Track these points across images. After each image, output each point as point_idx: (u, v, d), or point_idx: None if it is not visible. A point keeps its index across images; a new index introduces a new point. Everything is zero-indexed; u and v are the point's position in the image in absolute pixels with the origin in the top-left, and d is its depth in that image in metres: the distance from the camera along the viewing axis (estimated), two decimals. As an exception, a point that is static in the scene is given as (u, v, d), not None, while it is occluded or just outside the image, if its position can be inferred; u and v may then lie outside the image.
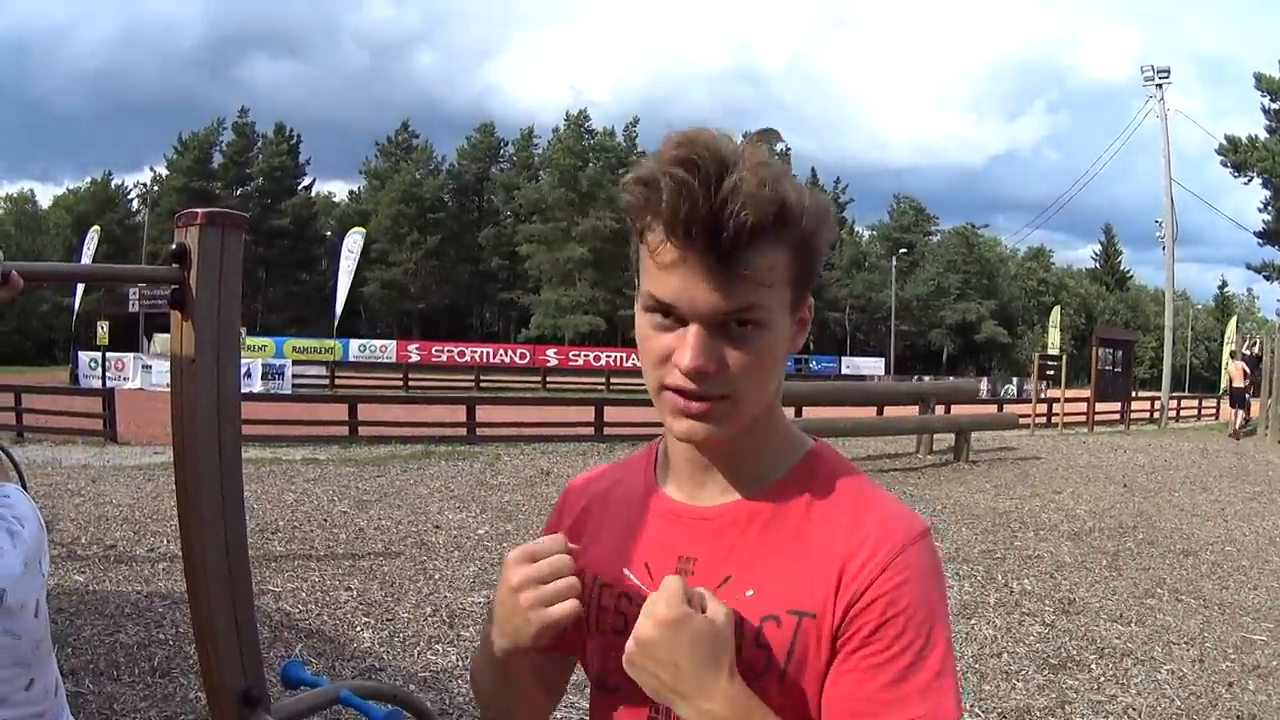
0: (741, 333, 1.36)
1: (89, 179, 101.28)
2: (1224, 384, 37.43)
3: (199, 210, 1.72)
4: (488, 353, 76.33)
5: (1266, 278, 60.00)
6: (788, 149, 1.31)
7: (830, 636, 1.38)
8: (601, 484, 1.70)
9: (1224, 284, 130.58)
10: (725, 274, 1.31)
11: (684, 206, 1.28)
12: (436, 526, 11.65)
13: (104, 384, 33.71)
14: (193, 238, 1.71)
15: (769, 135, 1.38)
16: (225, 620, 1.78)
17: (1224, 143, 54.76)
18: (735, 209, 1.27)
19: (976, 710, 6.27)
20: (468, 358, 72.09)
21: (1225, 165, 55.27)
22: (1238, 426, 31.59)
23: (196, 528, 1.78)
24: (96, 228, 54.92)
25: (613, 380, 57.39)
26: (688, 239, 1.30)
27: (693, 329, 1.35)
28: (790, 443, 1.54)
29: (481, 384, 52.79)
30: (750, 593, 1.42)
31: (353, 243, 56.28)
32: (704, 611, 1.36)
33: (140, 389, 38.23)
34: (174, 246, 1.72)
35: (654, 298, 1.36)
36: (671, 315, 1.36)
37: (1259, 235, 58.25)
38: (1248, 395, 32.50)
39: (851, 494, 1.47)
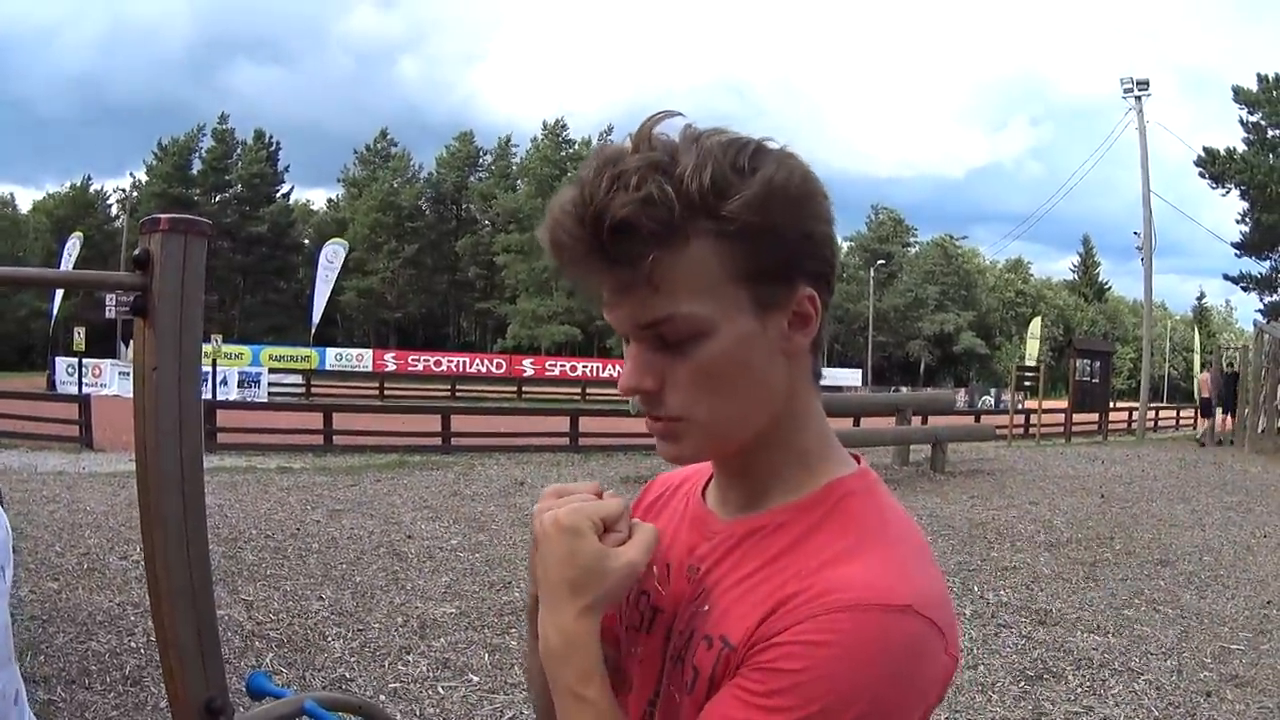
0: (681, 345, 1.26)
1: (69, 183, 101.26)
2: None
3: (162, 216, 1.70)
4: (464, 362, 76.54)
5: (1244, 288, 60.62)
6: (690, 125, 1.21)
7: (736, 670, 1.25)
8: (674, 480, 1.64)
9: (1202, 295, 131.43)
10: (618, 285, 1.24)
11: (560, 232, 1.24)
12: (409, 536, 11.61)
13: (80, 390, 33.64)
14: (156, 244, 1.69)
15: (657, 118, 1.25)
16: (188, 630, 1.75)
17: (1202, 154, 55.20)
18: (594, 213, 1.19)
19: (952, 722, 6.27)
20: (444, 367, 72.39)
21: (1204, 176, 55.78)
22: (1202, 433, 32.87)
23: (158, 536, 1.75)
24: (79, 233, 54.87)
25: (588, 391, 57.58)
26: (563, 263, 1.25)
27: (628, 349, 1.30)
28: (817, 463, 1.40)
29: (457, 393, 52.93)
30: (706, 609, 1.34)
31: (332, 253, 56.19)
32: (622, 544, 1.31)
33: (117, 395, 38.17)
34: (137, 253, 1.70)
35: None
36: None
37: (1236, 246, 58.85)
38: (1214, 405, 33.29)
39: (853, 538, 1.29)
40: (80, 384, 37.28)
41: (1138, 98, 41.91)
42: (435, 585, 9.37)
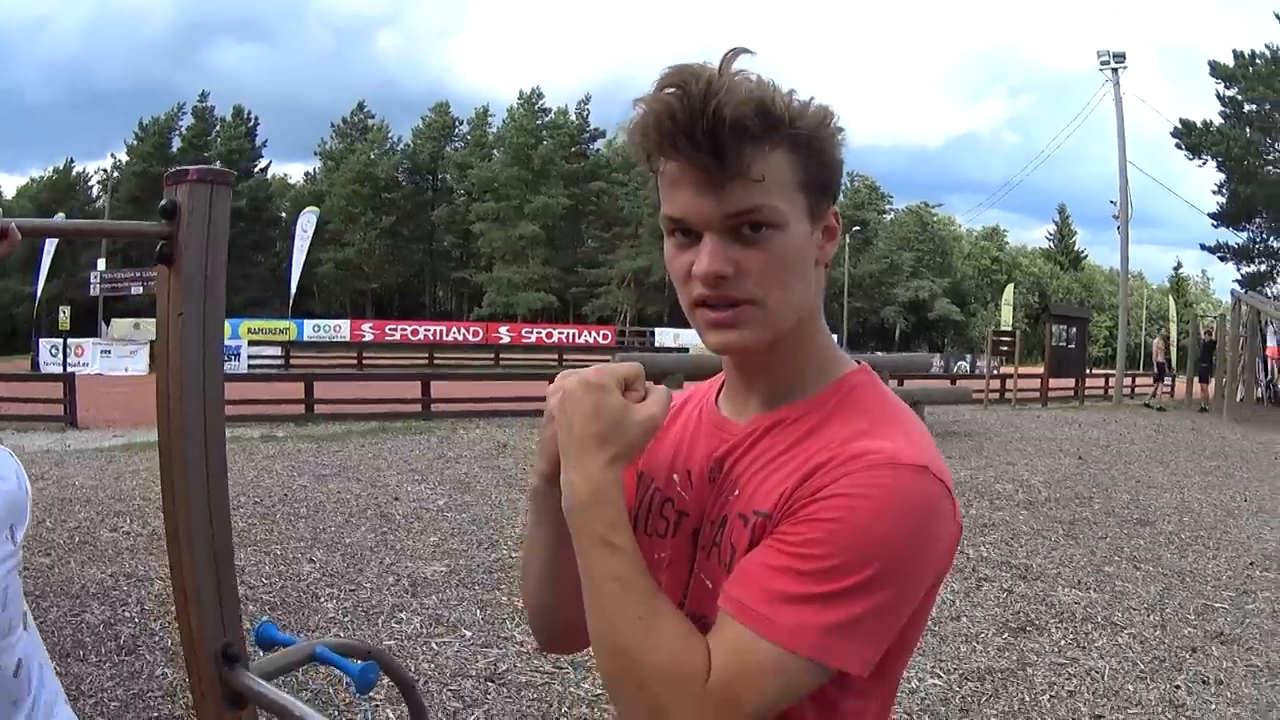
0: (755, 236, 1.38)
1: (51, 168, 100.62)
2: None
3: (190, 168, 1.74)
4: (441, 330, 75.84)
5: (1221, 258, 60.70)
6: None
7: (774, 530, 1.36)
8: (681, 398, 1.74)
9: (1179, 265, 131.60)
10: (721, 175, 1.35)
11: (667, 121, 1.35)
12: (396, 499, 11.68)
13: (64, 370, 33.53)
14: (184, 194, 1.73)
15: (740, 50, 1.41)
16: (206, 576, 1.79)
17: (1179, 126, 55.36)
18: (713, 108, 1.32)
19: (938, 671, 6.35)
20: (421, 336, 71.85)
21: (1180, 148, 55.93)
22: (1150, 398, 35.40)
23: (179, 482, 1.78)
24: (61, 215, 54.90)
25: (565, 356, 57.52)
26: (676, 148, 1.37)
27: (706, 238, 1.39)
28: (829, 363, 1.54)
29: (435, 361, 52.73)
30: (736, 493, 1.45)
31: (306, 221, 56.16)
32: (641, 401, 1.42)
33: (100, 374, 38.14)
34: (165, 203, 1.74)
35: (668, 218, 1.42)
36: (688, 232, 1.41)
37: (1213, 217, 58.95)
38: (1167, 372, 36.51)
39: (868, 420, 1.43)
40: (64, 363, 37.24)
41: (1114, 69, 41.93)
42: (424, 545, 9.44)
